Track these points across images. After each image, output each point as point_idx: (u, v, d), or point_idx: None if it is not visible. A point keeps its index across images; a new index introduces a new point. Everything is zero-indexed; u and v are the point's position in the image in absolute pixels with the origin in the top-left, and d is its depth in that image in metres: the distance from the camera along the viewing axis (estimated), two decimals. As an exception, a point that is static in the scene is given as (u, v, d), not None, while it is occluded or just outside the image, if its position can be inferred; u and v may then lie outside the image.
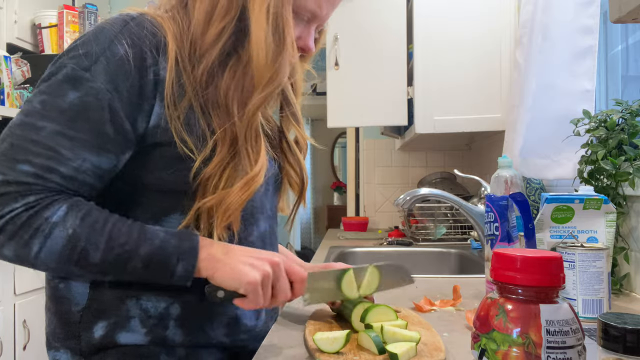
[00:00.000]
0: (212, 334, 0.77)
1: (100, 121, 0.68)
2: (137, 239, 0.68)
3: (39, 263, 0.66)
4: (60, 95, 0.67)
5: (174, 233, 0.71)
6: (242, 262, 0.70)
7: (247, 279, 0.68)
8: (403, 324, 0.75)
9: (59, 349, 0.76)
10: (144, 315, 0.74)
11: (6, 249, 0.65)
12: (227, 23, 0.74)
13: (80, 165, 0.68)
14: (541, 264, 0.43)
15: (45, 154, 0.65)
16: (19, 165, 0.65)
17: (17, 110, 2.60)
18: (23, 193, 0.64)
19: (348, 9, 2.15)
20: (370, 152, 2.95)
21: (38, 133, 0.66)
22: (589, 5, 1.33)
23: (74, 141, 0.67)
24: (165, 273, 0.69)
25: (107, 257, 0.66)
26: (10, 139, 0.66)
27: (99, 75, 0.68)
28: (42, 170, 0.65)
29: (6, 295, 2.04)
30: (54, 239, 0.65)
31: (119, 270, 0.68)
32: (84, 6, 2.84)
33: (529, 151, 1.43)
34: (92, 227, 0.66)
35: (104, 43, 0.69)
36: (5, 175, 0.64)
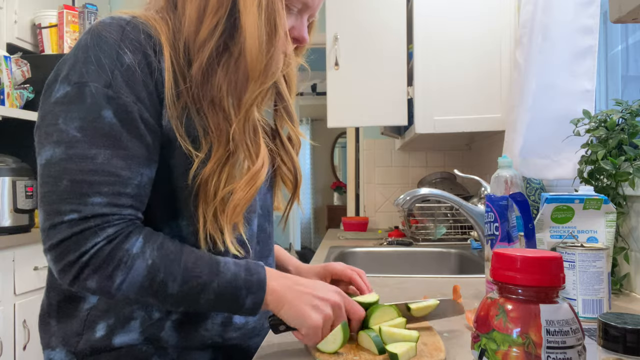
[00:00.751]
0: (206, 335, 0.78)
1: (140, 134, 0.69)
2: (210, 271, 0.69)
3: (120, 294, 0.66)
4: (96, 117, 0.66)
5: (242, 264, 0.72)
6: (306, 302, 0.71)
7: (310, 323, 0.70)
8: (402, 322, 0.75)
9: (54, 348, 0.76)
10: (147, 317, 0.75)
11: (90, 281, 0.65)
12: (219, 19, 0.73)
13: (140, 181, 0.69)
14: (541, 264, 0.43)
15: (109, 181, 0.66)
16: (90, 198, 0.65)
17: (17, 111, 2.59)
18: (102, 226, 0.65)
19: (348, 8, 2.15)
20: (370, 152, 2.95)
21: (94, 162, 0.66)
22: (589, 5, 1.33)
23: (127, 160, 0.67)
24: (235, 305, 0.71)
25: (183, 289, 0.68)
26: (68, 175, 0.65)
27: (121, 89, 0.68)
28: (112, 197, 0.66)
29: (6, 295, 2.04)
30: (135, 270, 0.66)
31: (192, 301, 0.69)
32: (84, 6, 2.84)
33: (529, 151, 1.43)
34: (168, 257, 0.68)
35: (111, 54, 0.69)
36: (81, 212, 0.64)
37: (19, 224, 2.21)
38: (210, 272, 0.69)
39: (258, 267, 0.73)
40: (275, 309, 0.72)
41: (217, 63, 0.76)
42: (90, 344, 0.73)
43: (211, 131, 0.74)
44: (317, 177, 6.52)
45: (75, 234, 0.64)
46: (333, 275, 0.94)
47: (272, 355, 0.71)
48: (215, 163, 0.73)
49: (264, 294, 0.71)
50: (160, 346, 0.75)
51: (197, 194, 0.74)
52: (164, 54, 0.72)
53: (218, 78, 0.75)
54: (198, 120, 0.74)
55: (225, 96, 0.76)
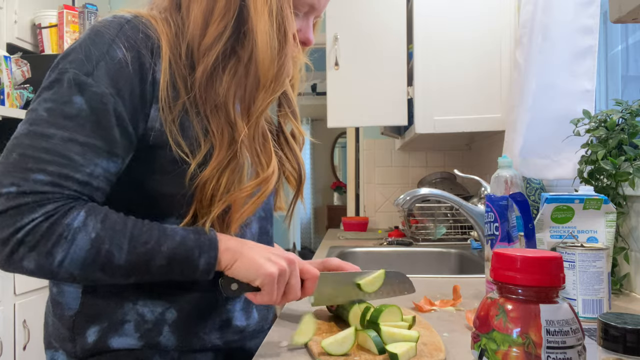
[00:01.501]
0: (205, 338, 0.77)
1: (107, 126, 0.68)
2: (158, 236, 0.68)
3: (62, 272, 0.64)
4: (66, 101, 0.66)
5: (191, 229, 0.71)
6: (260, 255, 0.71)
7: (264, 271, 0.69)
8: (406, 325, 0.75)
9: (57, 349, 0.76)
10: (140, 320, 0.74)
11: (27, 260, 0.62)
12: (226, 23, 0.73)
13: (93, 171, 0.67)
14: (541, 264, 0.43)
15: (59, 162, 0.64)
16: (34, 174, 0.63)
17: (17, 111, 2.59)
18: (41, 202, 0.63)
19: (348, 9, 2.15)
20: (370, 152, 2.95)
21: (48, 141, 0.64)
22: (589, 5, 1.33)
23: (84, 147, 0.66)
24: (189, 268, 0.69)
25: (131, 258, 0.66)
26: (20, 149, 0.64)
27: (102, 80, 0.67)
28: (58, 178, 0.64)
29: (6, 295, 2.04)
30: (77, 244, 0.63)
31: (143, 270, 0.67)
32: (84, 6, 2.84)
33: (529, 151, 1.43)
34: (113, 228, 0.66)
35: (102, 47, 0.69)
36: (20, 187, 0.62)
37: (19, 224, 2.21)
38: (159, 237, 0.68)
39: (208, 229, 0.72)
40: (227, 266, 0.71)
41: (224, 67, 0.75)
42: (87, 348, 0.73)
43: (213, 135, 0.74)
44: (317, 177, 6.52)
45: (12, 208, 0.62)
46: (330, 270, 0.94)
47: (272, 355, 0.71)
48: (215, 167, 0.73)
49: (217, 252, 0.70)
50: (161, 350, 0.75)
51: (191, 195, 0.73)
52: (161, 55, 0.72)
53: (224, 82, 0.75)
54: (198, 122, 0.74)
55: (230, 100, 0.75)
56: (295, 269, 0.73)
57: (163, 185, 0.73)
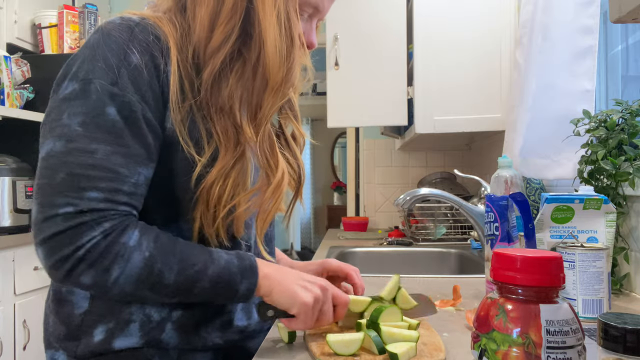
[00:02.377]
0: (206, 336, 0.77)
1: (142, 133, 0.69)
2: (204, 260, 0.70)
3: (116, 288, 0.66)
4: (99, 114, 0.66)
5: (233, 253, 0.73)
6: (296, 283, 0.73)
7: (301, 301, 0.71)
8: (405, 325, 0.75)
9: (57, 349, 0.76)
10: (146, 320, 0.74)
11: (85, 276, 0.64)
12: (233, 25, 0.73)
13: (138, 180, 0.69)
14: (541, 264, 0.43)
15: (107, 177, 0.65)
16: (87, 192, 0.64)
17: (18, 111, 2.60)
18: (98, 220, 0.64)
19: (348, 9, 2.15)
20: (370, 152, 2.95)
21: (93, 157, 0.65)
22: (589, 5, 1.33)
23: (127, 158, 0.67)
24: (230, 292, 0.71)
25: (179, 279, 0.68)
26: (66, 168, 0.65)
27: (127, 88, 0.68)
28: (109, 193, 0.65)
29: (6, 295, 2.04)
30: (132, 262, 0.65)
31: (187, 291, 0.69)
32: (84, 6, 2.84)
33: (529, 151, 1.43)
34: (165, 249, 0.68)
35: (119, 54, 0.68)
36: (77, 206, 0.64)
37: (19, 224, 2.21)
38: (205, 261, 0.69)
39: (247, 254, 0.74)
40: (266, 293, 0.72)
41: (230, 70, 0.76)
42: (90, 349, 0.73)
43: (218, 137, 0.74)
44: (317, 177, 6.51)
45: (71, 228, 0.63)
46: (329, 271, 0.94)
47: (272, 355, 0.71)
48: (221, 169, 0.73)
49: (257, 278, 0.72)
50: (162, 348, 0.75)
51: (198, 197, 0.73)
52: (171, 57, 0.72)
53: (230, 84, 0.75)
54: (203, 124, 0.74)
55: (236, 102, 0.76)
56: (328, 296, 0.74)
57: (174, 188, 0.74)
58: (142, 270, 0.66)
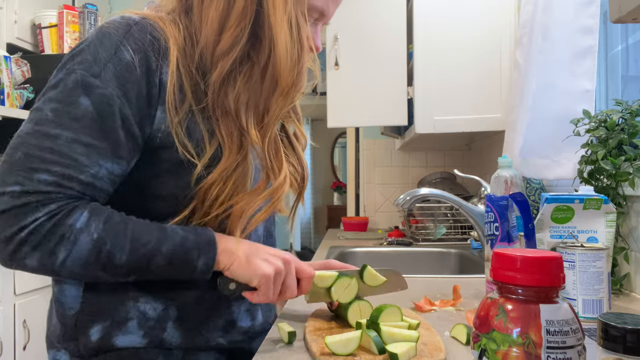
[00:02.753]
0: (209, 336, 0.77)
1: (113, 128, 0.68)
2: (158, 237, 0.69)
3: (64, 270, 0.65)
4: (72, 102, 0.66)
5: (190, 229, 0.72)
6: (257, 256, 0.72)
7: (261, 272, 0.71)
8: (405, 325, 0.75)
9: (59, 349, 0.76)
10: (142, 317, 0.74)
11: (30, 259, 0.63)
12: (242, 28, 0.73)
13: (97, 172, 0.68)
14: (541, 264, 0.43)
15: (63, 162, 0.65)
16: (38, 174, 0.64)
17: (18, 111, 2.59)
18: (44, 202, 0.63)
19: (348, 9, 2.15)
20: (370, 152, 2.95)
21: (54, 141, 0.65)
22: (589, 5, 1.33)
23: (89, 148, 0.66)
24: (188, 268, 0.70)
25: (132, 258, 0.67)
26: (24, 148, 0.64)
27: (109, 82, 0.67)
28: (61, 178, 0.65)
29: (6, 295, 2.04)
30: (80, 245, 0.65)
31: (142, 270, 0.68)
32: (84, 6, 2.84)
33: (529, 151, 1.43)
34: (115, 229, 0.67)
35: (110, 49, 0.68)
36: (23, 186, 0.63)
37: (19, 224, 2.21)
38: (158, 238, 0.69)
39: (206, 229, 0.73)
40: (226, 267, 0.72)
41: (238, 73, 0.75)
42: (90, 347, 0.73)
43: (222, 139, 0.74)
44: (317, 177, 6.51)
45: (15, 207, 0.62)
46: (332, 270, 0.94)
47: (272, 355, 0.71)
48: (223, 171, 0.73)
49: (216, 253, 0.71)
50: (165, 347, 0.75)
51: (194, 195, 0.73)
52: (168, 58, 0.72)
53: (237, 87, 0.75)
54: (205, 126, 0.74)
55: (242, 105, 0.76)
56: (291, 268, 0.75)
57: (166, 187, 0.73)
58: (90, 252, 0.65)
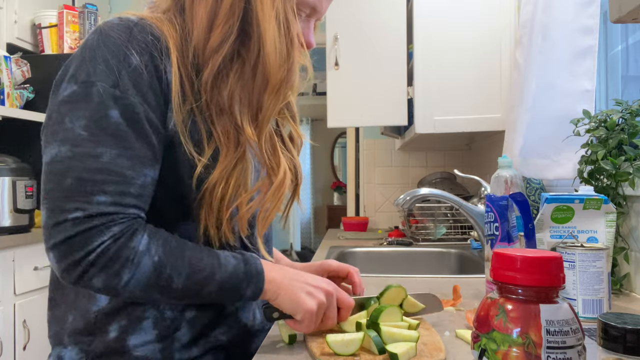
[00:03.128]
0: (211, 334, 0.78)
1: (146, 135, 0.69)
2: (212, 265, 0.70)
3: (126, 292, 0.66)
4: (102, 117, 0.66)
5: (240, 257, 0.73)
6: (301, 289, 0.73)
7: (305, 307, 0.72)
8: (406, 325, 0.75)
9: (67, 345, 0.75)
10: (159, 317, 0.74)
11: (96, 280, 0.65)
12: (231, 25, 0.73)
13: (144, 182, 0.69)
14: (541, 264, 0.43)
15: (115, 180, 0.66)
16: (95, 197, 0.65)
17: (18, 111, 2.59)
18: (108, 225, 0.65)
19: (348, 9, 2.15)
20: (370, 152, 2.95)
21: (98, 160, 0.65)
22: (589, 5, 1.33)
23: (132, 160, 0.67)
24: (236, 296, 0.72)
25: (188, 283, 0.68)
26: (73, 173, 0.65)
27: (128, 90, 0.68)
28: (117, 196, 0.66)
29: (6, 295, 2.04)
30: (142, 267, 0.66)
31: (195, 295, 0.70)
32: (84, 6, 2.84)
33: (529, 151, 1.43)
34: (173, 253, 0.68)
35: (118, 55, 0.68)
36: (85, 211, 0.64)
37: (19, 224, 2.21)
38: (212, 266, 0.70)
39: (254, 258, 0.75)
40: (272, 297, 0.74)
41: (229, 70, 0.76)
42: (105, 345, 0.73)
43: (218, 137, 0.74)
44: (317, 177, 6.51)
45: (81, 232, 0.64)
46: (330, 272, 0.94)
47: (272, 355, 0.71)
48: (223, 169, 0.73)
49: (263, 283, 0.73)
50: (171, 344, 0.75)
51: (201, 198, 0.74)
52: (170, 56, 0.72)
53: (229, 85, 0.76)
54: (203, 125, 0.74)
55: (236, 103, 0.76)
56: (333, 300, 0.75)
57: (179, 188, 0.74)
58: (151, 274, 0.66)
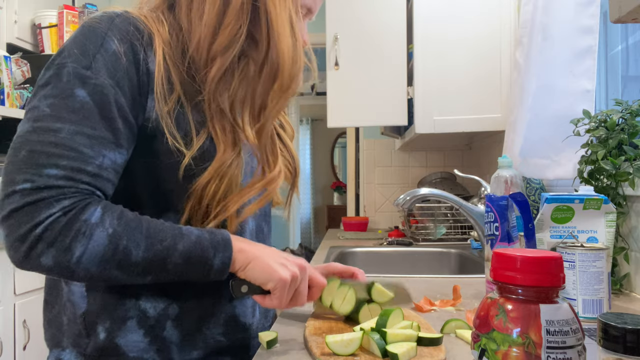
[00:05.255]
0: (208, 334, 0.77)
1: (111, 117, 0.68)
2: (173, 235, 0.68)
3: (80, 269, 0.63)
4: (69, 95, 0.66)
5: (204, 229, 0.72)
6: (273, 259, 0.72)
7: (278, 276, 0.70)
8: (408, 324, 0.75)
9: (65, 348, 0.75)
10: (142, 316, 0.74)
11: (45, 256, 0.62)
12: (241, 25, 0.74)
13: (102, 163, 0.67)
14: (541, 264, 0.43)
15: (69, 155, 0.64)
16: (46, 169, 0.63)
17: (18, 111, 2.59)
18: (57, 197, 0.62)
19: (348, 9, 2.15)
20: (370, 152, 2.95)
21: (56, 135, 0.64)
22: (589, 5, 1.33)
23: (92, 139, 0.66)
24: (204, 267, 0.69)
25: (148, 255, 0.66)
26: (28, 146, 0.64)
27: (100, 72, 0.68)
28: (70, 171, 0.64)
29: (6, 295, 2.04)
30: (95, 240, 0.63)
31: (159, 268, 0.67)
32: (84, 6, 2.85)
33: (529, 151, 1.43)
34: (130, 225, 0.66)
35: (96, 41, 0.69)
36: (34, 182, 0.62)
37: (19, 224, 2.21)
38: (174, 235, 0.68)
39: (219, 229, 0.72)
40: (241, 267, 0.71)
41: (234, 69, 0.76)
42: (98, 347, 0.73)
43: (216, 135, 0.75)
44: (317, 177, 6.52)
45: (28, 204, 0.61)
46: (334, 273, 0.94)
47: (272, 355, 0.71)
48: (219, 167, 0.73)
49: (232, 251, 0.70)
50: (164, 345, 0.75)
51: (191, 193, 0.73)
52: (153, 48, 0.73)
53: (233, 84, 0.76)
54: (194, 117, 0.74)
55: (237, 102, 0.77)
56: (305, 276, 0.74)
57: (161, 179, 0.74)
58: (106, 247, 0.63)
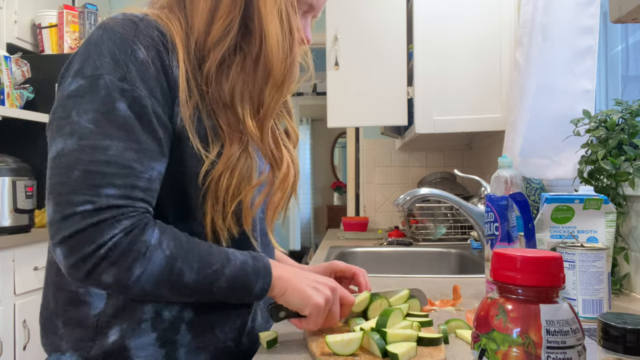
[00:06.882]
0: (220, 337, 0.77)
1: (153, 128, 0.68)
2: (221, 259, 0.70)
3: (137, 287, 0.65)
4: (110, 109, 0.65)
5: (246, 253, 0.73)
6: (307, 285, 0.74)
7: (314, 302, 0.72)
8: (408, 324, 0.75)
9: (65, 352, 0.74)
10: (157, 318, 0.73)
11: (107, 274, 0.63)
12: (232, 18, 0.74)
13: (151, 176, 0.68)
14: (541, 264, 0.43)
15: (123, 173, 0.65)
16: (104, 189, 0.63)
17: (18, 111, 2.58)
18: (118, 218, 0.63)
19: (348, 8, 2.15)
20: (370, 152, 2.95)
21: (106, 153, 0.64)
22: (589, 5, 1.33)
23: (139, 153, 0.66)
24: (245, 292, 0.71)
25: (198, 278, 0.67)
26: (80, 166, 0.63)
27: (136, 83, 0.67)
28: (125, 189, 0.64)
29: (6, 295, 2.04)
30: (154, 261, 0.65)
31: (206, 291, 0.69)
32: (84, 6, 2.84)
33: (529, 151, 1.43)
34: (184, 248, 0.67)
35: (125, 49, 0.68)
36: (94, 204, 0.62)
37: (19, 224, 2.21)
38: (222, 260, 0.70)
39: (260, 255, 0.75)
40: (279, 294, 0.73)
41: (229, 64, 0.76)
42: (104, 350, 0.72)
43: (221, 130, 0.75)
44: (317, 177, 6.51)
45: (91, 226, 0.62)
46: (337, 272, 0.94)
47: (272, 355, 0.71)
48: (227, 160, 0.74)
49: (271, 278, 0.72)
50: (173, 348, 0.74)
51: (207, 192, 0.74)
52: (176, 52, 0.72)
53: (231, 78, 0.76)
54: (208, 121, 0.75)
55: (237, 96, 0.76)
56: (337, 296, 0.76)
57: (185, 184, 0.74)
58: (163, 269, 0.65)
